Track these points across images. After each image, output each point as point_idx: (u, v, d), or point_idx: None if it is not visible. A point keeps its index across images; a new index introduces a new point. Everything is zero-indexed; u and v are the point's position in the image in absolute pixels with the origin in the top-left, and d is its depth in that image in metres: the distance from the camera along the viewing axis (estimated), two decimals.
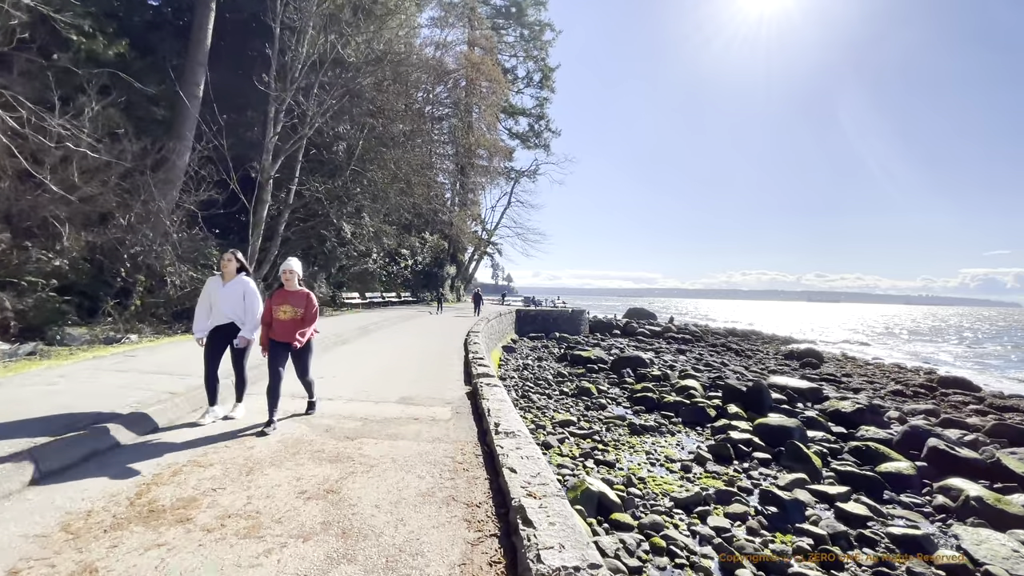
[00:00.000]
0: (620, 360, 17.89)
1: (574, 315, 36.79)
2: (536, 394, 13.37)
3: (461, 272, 42.76)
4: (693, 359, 25.31)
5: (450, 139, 33.44)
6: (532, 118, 41.33)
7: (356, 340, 11.77)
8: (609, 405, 12.73)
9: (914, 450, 8.79)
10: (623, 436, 10.05)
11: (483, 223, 40.94)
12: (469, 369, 7.88)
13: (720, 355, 29.33)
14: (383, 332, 14.18)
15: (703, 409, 11.46)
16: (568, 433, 9.81)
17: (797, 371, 23.65)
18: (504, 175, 39.59)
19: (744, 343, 38.23)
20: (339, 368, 7.80)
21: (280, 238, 17.35)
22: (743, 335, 46.91)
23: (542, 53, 40.75)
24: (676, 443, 9.81)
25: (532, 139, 41.91)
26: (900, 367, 29.49)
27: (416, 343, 11.81)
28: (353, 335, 12.28)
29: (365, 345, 11.02)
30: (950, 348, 45.07)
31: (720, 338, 40.69)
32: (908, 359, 34.60)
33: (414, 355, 9.67)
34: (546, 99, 40.65)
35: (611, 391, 14.62)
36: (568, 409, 12.06)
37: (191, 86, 15.99)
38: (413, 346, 11.21)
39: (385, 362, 8.65)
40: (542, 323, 34.43)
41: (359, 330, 13.29)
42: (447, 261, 38.67)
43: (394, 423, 4.80)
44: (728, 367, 21.51)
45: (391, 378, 7.15)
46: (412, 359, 9.12)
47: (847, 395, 15.35)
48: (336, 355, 9.16)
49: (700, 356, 26.67)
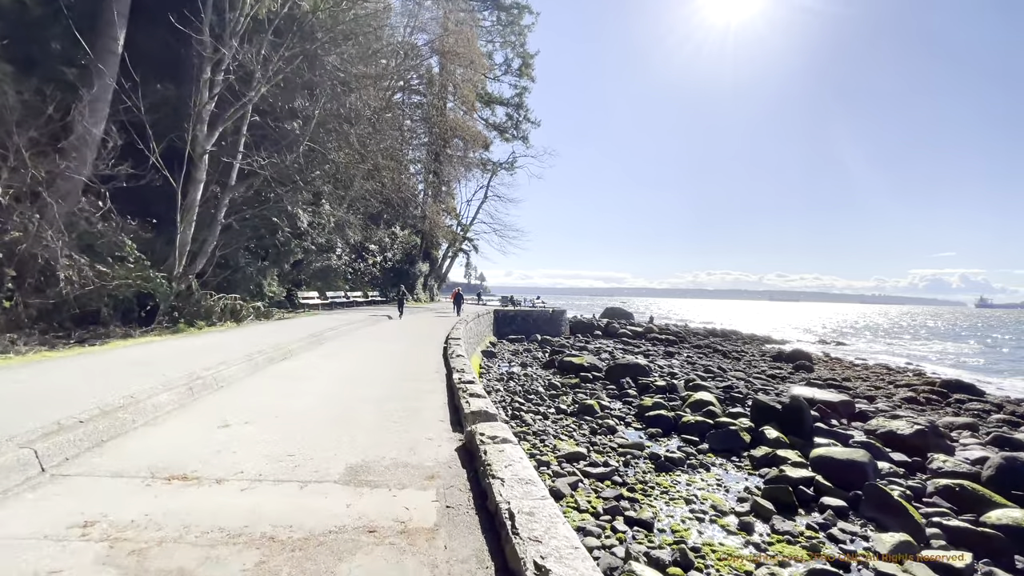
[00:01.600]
0: (616, 368, 15.86)
1: (555, 316, 34.82)
2: (529, 413, 11.13)
3: (434, 270, 40.06)
4: (685, 363, 23.66)
5: (423, 126, 30.72)
6: (510, 107, 38.99)
7: (302, 354, 9.17)
8: (618, 427, 10.61)
9: (1018, 490, 6.98)
10: (648, 474, 7.92)
11: (458, 217, 38.35)
12: (456, 402, 5.54)
13: (707, 357, 27.92)
14: (341, 341, 11.62)
15: (735, 433, 9.46)
16: (580, 472, 7.60)
17: (795, 375, 22.27)
18: (481, 166, 37.11)
19: (727, 344, 37.14)
20: (259, 404, 5.28)
21: (220, 226, 14.48)
22: (723, 335, 46.03)
23: (520, 39, 38.47)
24: (716, 483, 7.73)
25: (511, 130, 39.58)
26: (888, 368, 28.71)
27: (381, 357, 9.33)
28: (300, 346, 9.69)
29: (312, 360, 8.48)
30: (918, 346, 45.40)
31: (702, 339, 39.54)
32: (888, 358, 34.14)
33: (376, 377, 7.22)
34: (525, 88, 38.37)
35: (614, 406, 12.52)
36: (571, 434, 9.86)
37: (107, 40, 12.95)
38: (376, 361, 8.72)
39: (333, 390, 6.17)
40: (522, 324, 32.33)
41: (309, 339, 10.69)
42: (419, 258, 35.95)
43: (328, 548, 2.44)
44: (729, 373, 19.83)
45: (338, 423, 4.72)
46: (373, 384, 6.66)
47: (878, 407, 13.74)
48: (263, 380, 6.62)
49: (691, 359, 25.09)
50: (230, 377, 6.27)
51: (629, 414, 11.81)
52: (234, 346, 8.58)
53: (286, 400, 5.50)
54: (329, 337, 11.65)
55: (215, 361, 6.86)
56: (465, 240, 38.95)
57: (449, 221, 36.34)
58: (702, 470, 8.26)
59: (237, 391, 5.79)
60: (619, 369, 15.70)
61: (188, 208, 13.21)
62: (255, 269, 15.95)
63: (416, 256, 35.46)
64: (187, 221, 13.26)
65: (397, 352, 9.99)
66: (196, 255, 14.05)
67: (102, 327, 11.32)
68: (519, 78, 38.25)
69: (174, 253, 12.90)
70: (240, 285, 15.59)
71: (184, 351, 8.10)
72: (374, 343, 11.31)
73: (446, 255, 41.08)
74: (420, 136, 31.87)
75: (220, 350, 8.07)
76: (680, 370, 20.64)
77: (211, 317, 13.23)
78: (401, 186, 23.63)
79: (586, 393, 13.92)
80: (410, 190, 28.17)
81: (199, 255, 14.13)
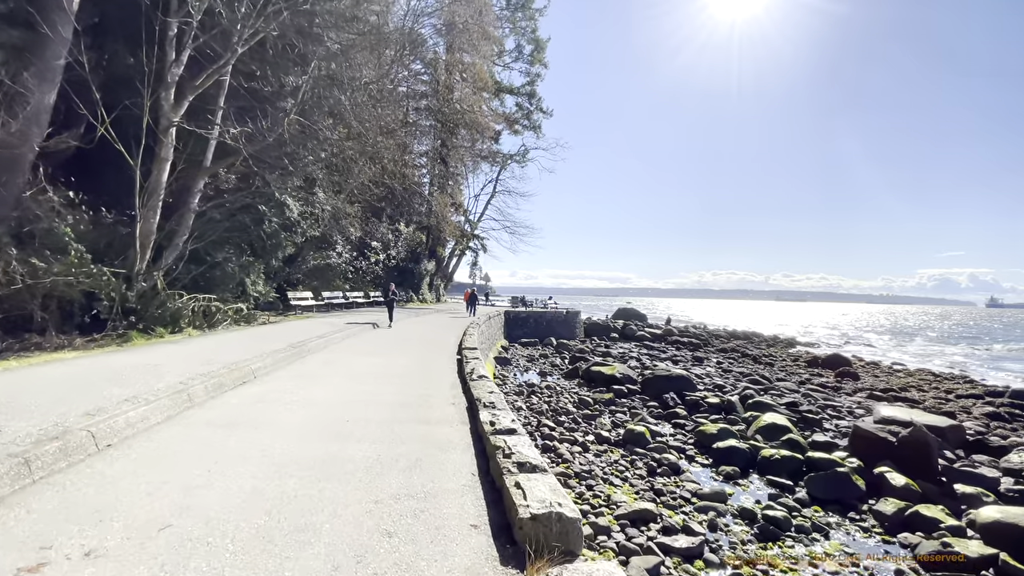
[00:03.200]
0: (656, 380, 13.56)
1: (569, 317, 32.58)
2: (564, 442, 8.87)
3: (441, 269, 37.83)
4: (720, 370, 21.34)
5: (428, 115, 28.46)
6: (521, 96, 36.66)
7: (268, 376, 6.86)
8: (680, 462, 8.33)
9: None
10: (750, 544, 5.65)
11: (466, 213, 36.07)
12: (496, 478, 3.29)
13: (738, 362, 25.66)
14: (327, 354, 9.39)
15: (844, 478, 7.16)
16: (656, 546, 5.34)
17: (845, 384, 19.85)
18: (490, 158, 34.81)
19: (753, 347, 34.77)
20: (141, 498, 2.93)
21: (193, 214, 12.31)
22: (745, 337, 43.56)
23: (532, 23, 36.16)
24: (849, 560, 5.44)
25: (521, 120, 37.27)
26: (934, 374, 26.15)
27: (376, 378, 7.08)
28: (270, 363, 7.44)
29: (280, 388, 6.20)
30: (943, 348, 42.58)
31: (725, 341, 37.18)
32: (925, 362, 31.52)
33: (367, 417, 4.93)
34: (538, 75, 36.04)
35: (664, 431, 10.25)
36: (624, 475, 7.60)
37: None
38: (369, 387, 6.42)
39: (292, 453, 3.81)
40: (534, 327, 30.11)
41: (287, 351, 8.45)
42: (425, 256, 33.76)
43: None
44: (777, 383, 17.48)
45: (283, 555, 2.44)
46: (361, 434, 4.36)
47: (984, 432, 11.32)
48: (183, 432, 4.24)
49: (723, 365, 22.78)
50: (125, 429, 3.97)
51: (688, 443, 9.51)
52: (173, 367, 6.33)
53: (197, 488, 3.14)
54: (314, 348, 9.41)
55: (123, 396, 4.66)
56: (473, 238, 36.67)
57: (456, 217, 34.10)
58: (818, 536, 5.97)
59: (119, 464, 3.48)
60: (659, 382, 13.40)
61: (151, 192, 11.05)
62: (237, 265, 13.79)
63: (421, 254, 33.29)
64: (151, 207, 11.10)
65: (398, 369, 7.76)
66: (163, 248, 11.90)
67: (38, 335, 9.20)
68: (531, 65, 35.95)
69: (134, 246, 10.75)
70: (219, 284, 13.43)
71: (100, 375, 5.87)
72: (370, 357, 9.06)
73: (453, 253, 38.85)
74: (424, 123, 29.64)
75: (149, 374, 5.84)
76: (720, 378, 18.34)
77: (179, 322, 11.08)
78: (404, 174, 21.37)
79: (626, 412, 11.65)
80: (414, 182, 25.94)
81: (168, 248, 11.98)
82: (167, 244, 12.02)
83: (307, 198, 15.90)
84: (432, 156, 30.40)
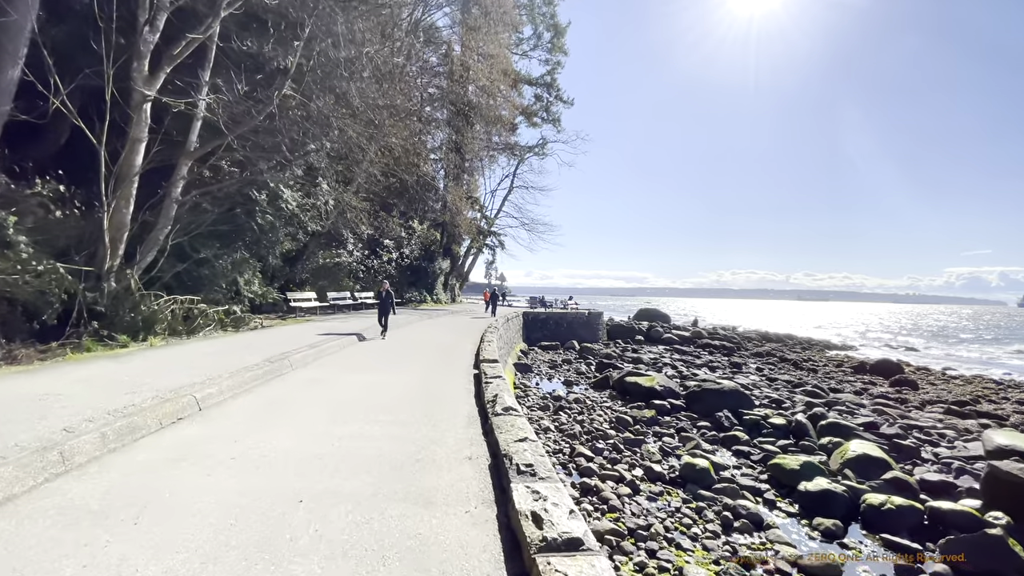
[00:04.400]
0: (705, 394, 11.65)
1: (591, 319, 30.66)
2: (607, 479, 7.08)
3: (456, 268, 36.20)
4: (762, 378, 19.26)
5: (442, 105, 26.82)
6: (540, 86, 34.81)
7: (226, 404, 5.12)
8: (760, 509, 6.47)
9: None
10: None
11: (482, 209, 34.32)
12: None
13: (778, 368, 23.49)
14: (314, 369, 7.74)
15: (998, 544, 5.24)
16: None
17: (909, 395, 17.55)
18: (508, 150, 33.00)
19: (790, 350, 32.42)
20: None
21: (175, 204, 10.83)
22: (778, 340, 41.02)
23: (551, 8, 34.32)
24: None
25: (540, 112, 35.42)
26: (997, 382, 23.48)
27: (368, 407, 5.38)
28: (238, 383, 5.78)
29: (230, 422, 4.48)
30: (989, 350, 39.16)
31: (759, 344, 34.87)
32: (977, 367, 28.68)
33: (336, 498, 3.12)
34: (558, 63, 34.15)
35: (725, 461, 8.37)
36: (694, 533, 5.78)
37: None
38: (348, 432, 4.43)
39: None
40: (554, 329, 28.30)
41: (263, 365, 6.80)
42: (439, 255, 32.17)
43: None
44: (836, 395, 15.35)
45: None
46: (308, 546, 2.59)
47: None
48: (39, 513, 2.68)
49: (768, 373, 20.65)
50: None
51: (760, 480, 7.62)
52: (79, 398, 4.57)
53: None
54: (298, 362, 7.73)
55: None
56: (490, 234, 34.91)
57: (472, 213, 32.41)
58: None
59: None
60: (709, 397, 11.48)
61: (122, 177, 9.58)
62: (229, 263, 12.31)
63: (436, 253, 31.72)
64: (122, 196, 9.64)
65: (398, 392, 6.07)
66: (140, 243, 10.45)
67: None
68: (550, 53, 34.09)
69: (102, 240, 9.30)
70: (208, 283, 11.97)
71: None
72: (365, 374, 7.35)
73: (468, 252, 37.19)
74: (439, 116, 28.02)
75: (32, 412, 4.15)
76: (769, 388, 16.31)
77: (153, 327, 9.59)
78: (416, 163, 19.72)
79: (674, 435, 9.78)
80: (426, 175, 24.32)
81: (146, 243, 10.53)
82: (145, 238, 10.58)
83: (309, 189, 14.38)
84: (447, 146, 28.75)
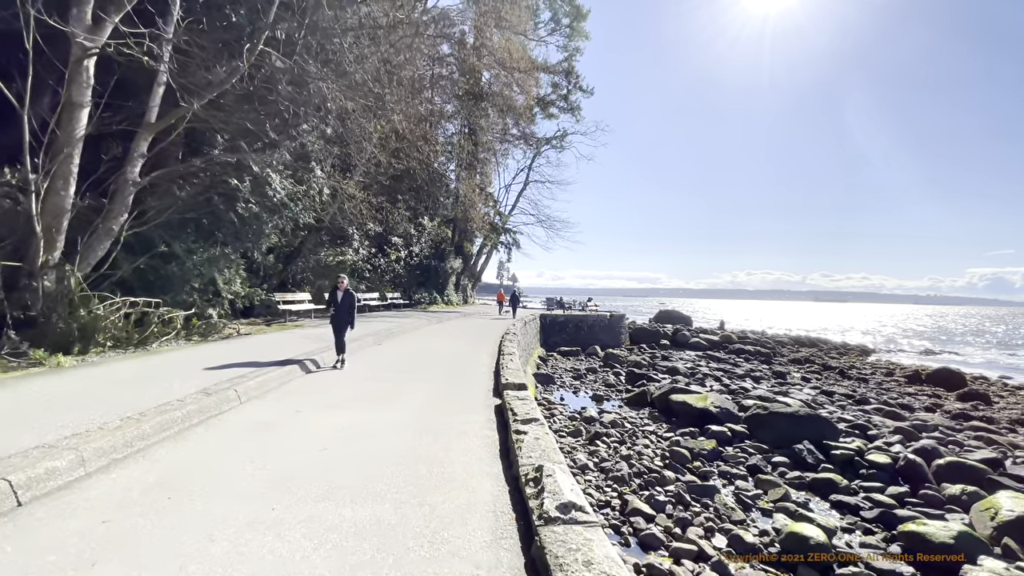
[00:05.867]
0: (770, 419, 9.45)
1: (613, 322, 28.49)
2: (682, 558, 5.00)
3: (468, 268, 34.20)
4: (814, 391, 16.95)
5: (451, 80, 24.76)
6: (558, 74, 32.67)
7: (81, 488, 3.00)
8: None
9: None
10: None
11: (496, 204, 32.24)
12: None
13: (825, 378, 21.12)
14: (272, 402, 5.70)
15: None
16: None
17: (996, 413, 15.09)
18: (523, 140, 30.90)
19: (831, 357, 29.89)
20: None
21: (132, 187, 8.96)
22: (811, 344, 38.30)
23: None
24: None
25: (558, 102, 33.26)
26: None
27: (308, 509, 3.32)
28: (133, 437, 3.67)
29: (55, 546, 2.55)
30: None
31: (794, 350, 32.33)
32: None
33: None
34: (577, 49, 31.98)
35: (832, 521, 6.21)
36: None
37: None
38: (272, 560, 2.62)
39: None
40: (574, 333, 26.21)
41: (192, 401, 4.75)
42: (451, 253, 30.23)
43: None
44: (916, 412, 12.99)
45: None
46: None
47: None
48: None
49: (819, 386, 18.29)
50: None
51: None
52: None
53: None
54: (257, 390, 5.66)
55: None
56: (505, 231, 32.84)
57: (485, 209, 30.39)
58: None
59: None
60: (779, 422, 9.27)
61: (59, 151, 7.74)
62: (204, 259, 10.45)
63: (447, 251, 29.79)
64: (59, 174, 7.80)
65: (380, 448, 3.99)
66: (89, 233, 8.61)
67: None
68: (569, 39, 31.94)
69: (33, 229, 7.48)
70: (178, 282, 10.12)
71: None
72: (339, 413, 5.01)
73: (481, 250, 35.18)
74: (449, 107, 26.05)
75: None
76: (829, 405, 14.00)
77: (95, 336, 7.73)
78: (424, 148, 17.74)
79: (748, 476, 7.62)
80: (433, 165, 22.34)
81: (95, 233, 8.68)
82: (96, 227, 8.73)
83: (301, 176, 12.49)
84: (459, 135, 26.73)
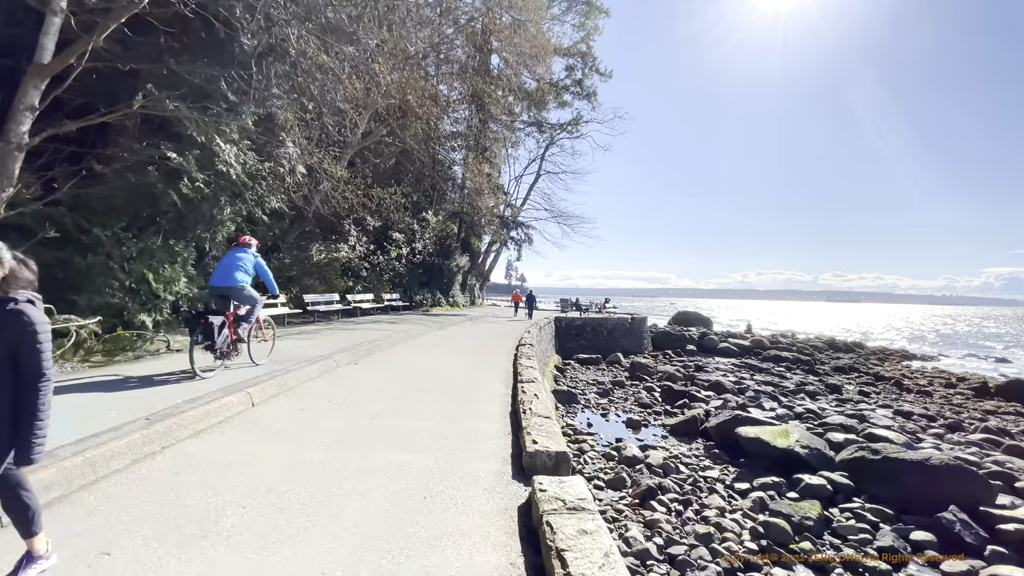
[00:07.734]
0: (878, 466, 6.86)
1: (635, 326, 25.89)
2: None
3: (476, 266, 31.71)
4: (889, 414, 14.25)
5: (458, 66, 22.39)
6: (573, 56, 30.12)
7: None
8: None
9: None
10: None
11: (506, 196, 29.75)
12: None
13: (884, 393, 18.44)
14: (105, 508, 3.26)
15: None
16: None
17: None
18: (535, 126, 28.36)
19: (872, 364, 27.05)
20: None
21: (19, 151, 6.59)
22: (846, 348, 35.34)
23: None
24: None
25: (572, 88, 30.69)
26: None
27: None
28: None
29: None
30: None
31: (833, 356, 29.48)
32: None
33: None
34: (595, 28, 29.41)
35: None
36: None
37: None
38: None
39: None
40: (592, 337, 23.66)
41: None
42: (457, 250, 27.81)
43: None
44: None
45: None
46: None
47: None
48: None
49: (887, 403, 15.61)
50: None
51: None
52: None
53: None
54: (115, 471, 3.25)
55: None
56: (516, 226, 30.31)
57: (493, 201, 27.91)
58: None
59: None
60: (908, 475, 6.64)
61: None
62: (133, 250, 8.07)
63: (452, 248, 27.36)
64: None
65: None
66: None
67: None
68: (585, 17, 29.37)
69: None
70: (99, 279, 7.74)
71: None
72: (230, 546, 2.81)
73: (490, 248, 32.68)
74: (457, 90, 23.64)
75: None
76: (923, 433, 11.30)
77: None
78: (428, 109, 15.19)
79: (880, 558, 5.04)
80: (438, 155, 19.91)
81: None
82: None
83: (271, 151, 10.07)
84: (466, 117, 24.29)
